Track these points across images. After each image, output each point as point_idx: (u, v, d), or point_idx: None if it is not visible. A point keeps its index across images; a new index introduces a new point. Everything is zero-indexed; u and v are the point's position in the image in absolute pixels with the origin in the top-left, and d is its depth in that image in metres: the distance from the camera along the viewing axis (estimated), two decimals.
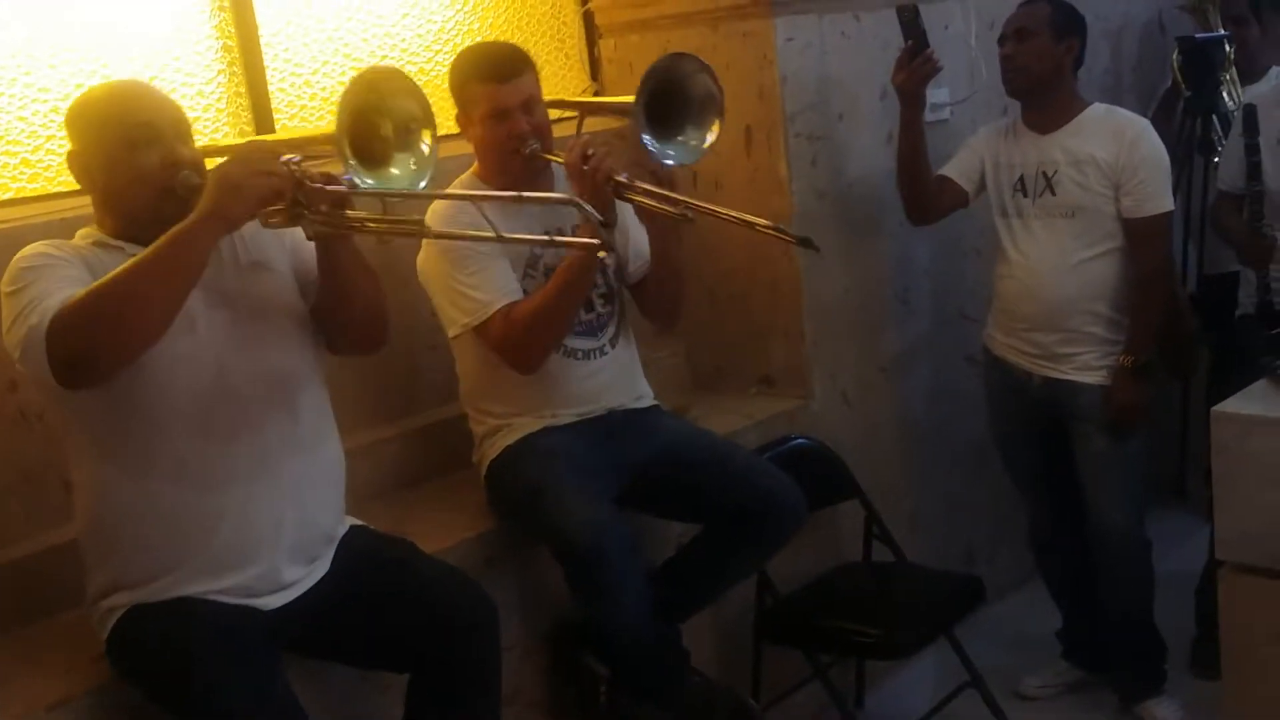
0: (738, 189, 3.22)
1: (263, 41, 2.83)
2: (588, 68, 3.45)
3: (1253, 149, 3.17)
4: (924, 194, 3.15)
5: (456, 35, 3.20)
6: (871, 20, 3.28)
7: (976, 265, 3.52)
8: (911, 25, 3.01)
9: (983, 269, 3.36)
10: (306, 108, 2.94)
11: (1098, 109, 3.07)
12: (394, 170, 2.05)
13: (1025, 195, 3.08)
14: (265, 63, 2.83)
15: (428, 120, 2.07)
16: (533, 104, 2.55)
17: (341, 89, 2.04)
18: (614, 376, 2.67)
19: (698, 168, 3.29)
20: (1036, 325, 3.08)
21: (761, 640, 2.99)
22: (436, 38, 3.17)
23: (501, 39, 3.19)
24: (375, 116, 2.04)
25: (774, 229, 2.30)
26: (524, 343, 2.50)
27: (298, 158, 1.93)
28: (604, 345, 2.65)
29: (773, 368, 3.29)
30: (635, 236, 2.67)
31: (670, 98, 2.49)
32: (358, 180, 1.96)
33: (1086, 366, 3.07)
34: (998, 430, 3.30)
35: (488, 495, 2.64)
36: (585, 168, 2.37)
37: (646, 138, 2.45)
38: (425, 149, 2.07)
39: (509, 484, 2.56)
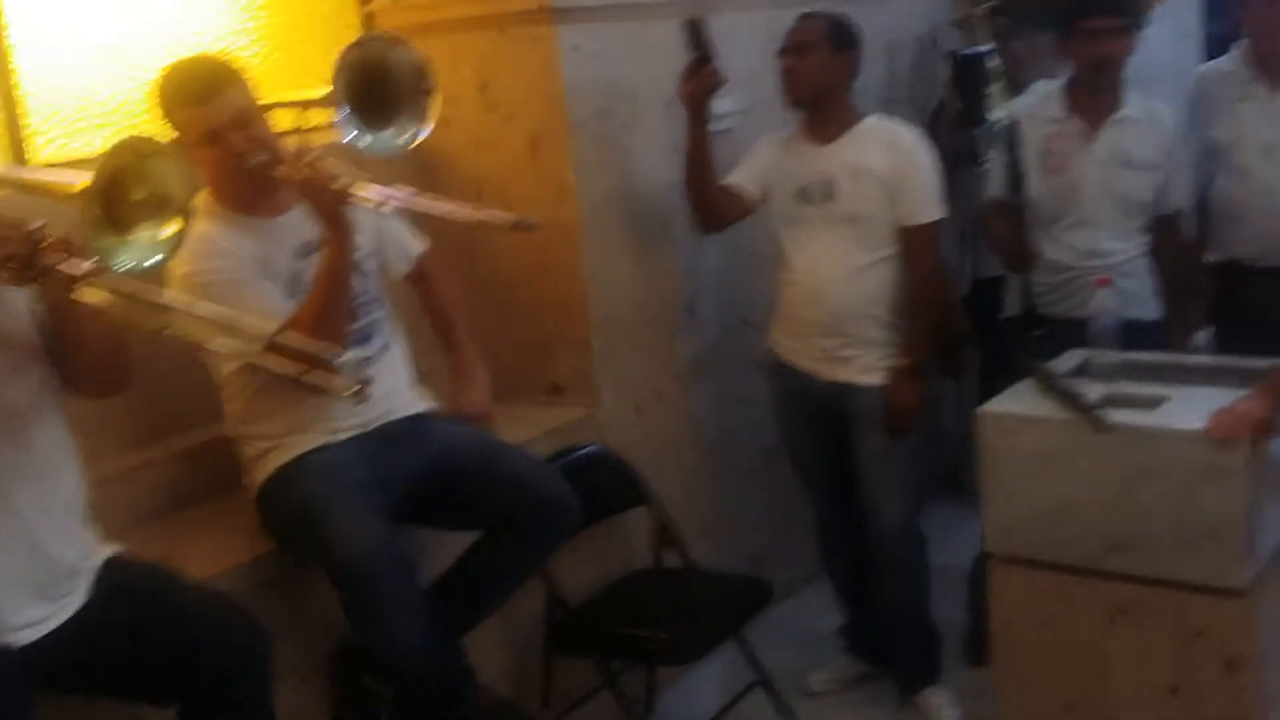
0: (525, 197, 3.20)
1: (14, 48, 2.66)
2: None
3: (1015, 164, 3.33)
4: (710, 203, 3.19)
5: (232, 39, 3.08)
6: (658, 29, 3.30)
7: (762, 272, 3.58)
8: (697, 38, 3.05)
9: (768, 276, 3.43)
10: (70, 122, 2.78)
11: (873, 120, 3.17)
12: (138, 238, 1.96)
13: (807, 204, 3.16)
14: (17, 77, 2.67)
15: (183, 206, 2.00)
16: (246, 117, 2.43)
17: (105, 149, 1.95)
18: (389, 384, 2.62)
19: (483, 176, 3.28)
20: (819, 330, 3.17)
21: (552, 652, 2.98)
22: (213, 42, 3.04)
23: (205, 56, 2.86)
24: (131, 179, 1.95)
25: (498, 220, 2.27)
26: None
27: (43, 222, 1.83)
28: (374, 354, 2.60)
29: (561, 377, 3.29)
30: (392, 235, 2.65)
31: (376, 83, 2.45)
32: (108, 260, 1.87)
33: (867, 368, 3.17)
34: (784, 433, 3.38)
35: (260, 518, 2.56)
36: (306, 175, 2.32)
37: (356, 131, 2.42)
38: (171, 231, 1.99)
39: (280, 506, 2.49)
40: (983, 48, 3.97)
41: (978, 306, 3.88)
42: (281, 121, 2.67)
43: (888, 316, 3.16)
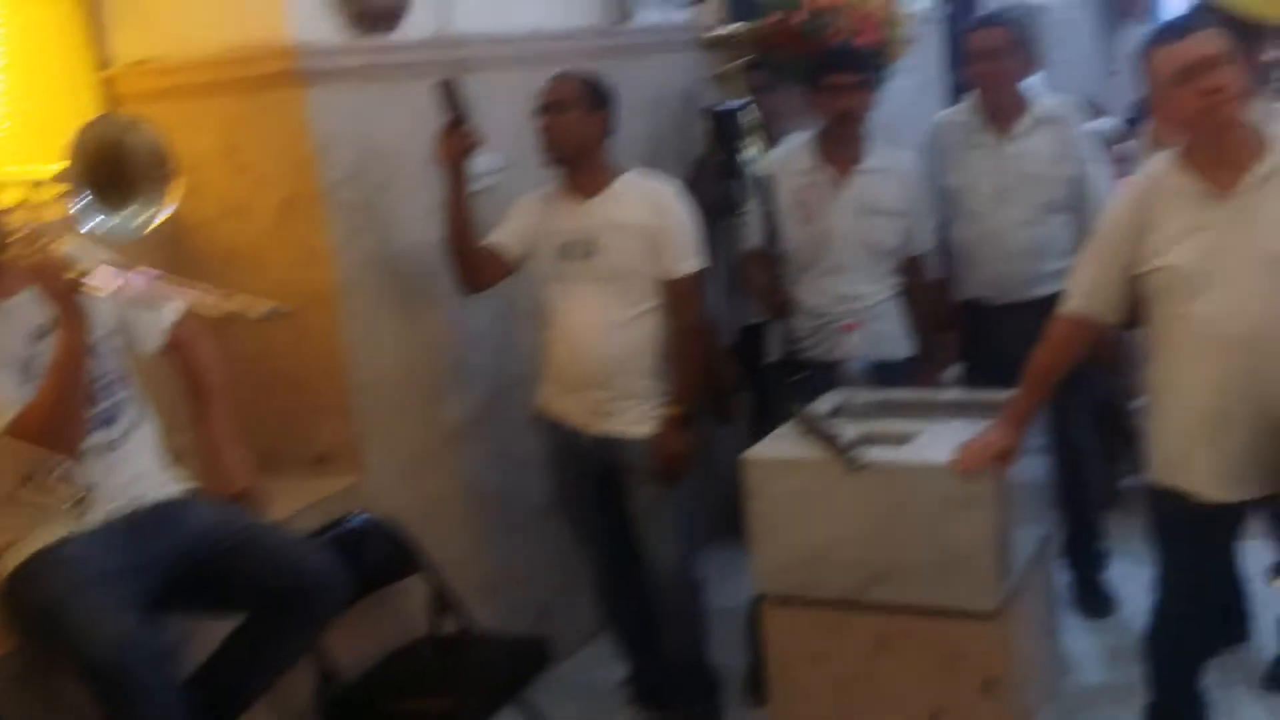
0: (278, 264, 3.12)
1: None
2: None
3: (771, 216, 3.44)
4: (472, 264, 3.18)
5: None
6: (410, 90, 3.28)
7: (531, 328, 3.58)
8: (452, 99, 3.04)
9: (537, 332, 3.43)
10: None
11: (632, 176, 3.23)
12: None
13: (569, 260, 3.18)
14: None
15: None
16: None
17: None
18: (138, 468, 2.51)
19: (234, 243, 3.18)
20: (586, 385, 3.18)
21: None
22: None
23: None
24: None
25: (250, 311, 2.23)
26: (47, 445, 2.34)
27: None
28: (118, 439, 2.49)
29: (325, 446, 3.20)
30: (139, 319, 2.55)
31: (113, 162, 2.40)
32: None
33: (635, 420, 3.19)
34: (558, 489, 3.37)
35: (5, 615, 2.41)
36: (38, 260, 2.23)
37: (91, 213, 2.35)
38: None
39: (25, 604, 2.35)
40: (738, 102, 4.09)
41: (744, 353, 3.98)
42: (11, 196, 2.54)
43: (654, 368, 3.20)
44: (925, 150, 3.79)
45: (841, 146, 3.56)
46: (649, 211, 3.14)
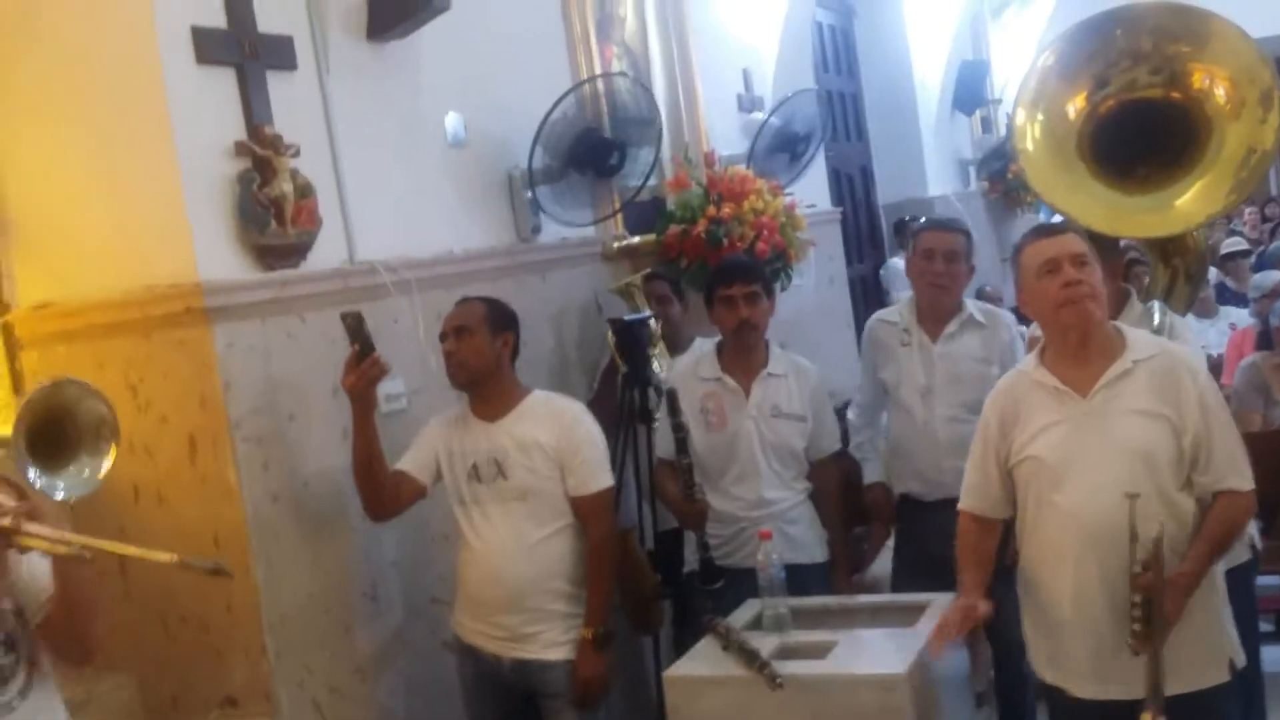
0: (185, 501, 3.08)
1: None
2: (9, 382, 3.22)
3: (679, 426, 3.49)
4: (381, 491, 3.17)
5: None
6: (317, 320, 3.32)
7: (445, 550, 3.55)
8: (356, 330, 3.08)
9: (451, 553, 3.40)
10: None
11: (538, 396, 3.26)
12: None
13: (480, 482, 3.18)
14: None
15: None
16: None
17: None
18: None
19: (138, 481, 3.14)
20: (501, 608, 3.15)
21: None
22: None
23: None
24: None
25: (180, 563, 2.19)
26: None
27: None
28: (13, 699, 2.38)
29: (235, 688, 3.10)
30: (32, 574, 2.47)
31: (58, 425, 2.40)
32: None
33: (552, 643, 3.16)
34: (473, 717, 3.29)
35: None
36: None
37: (33, 472, 2.32)
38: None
39: None
40: (642, 313, 4.18)
41: (663, 560, 3.97)
42: None
43: (569, 588, 3.17)
44: (863, 346, 3.91)
45: (743, 354, 3.65)
46: (557, 430, 3.17)
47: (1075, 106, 3.25)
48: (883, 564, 4.42)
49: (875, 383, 3.86)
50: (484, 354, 3.17)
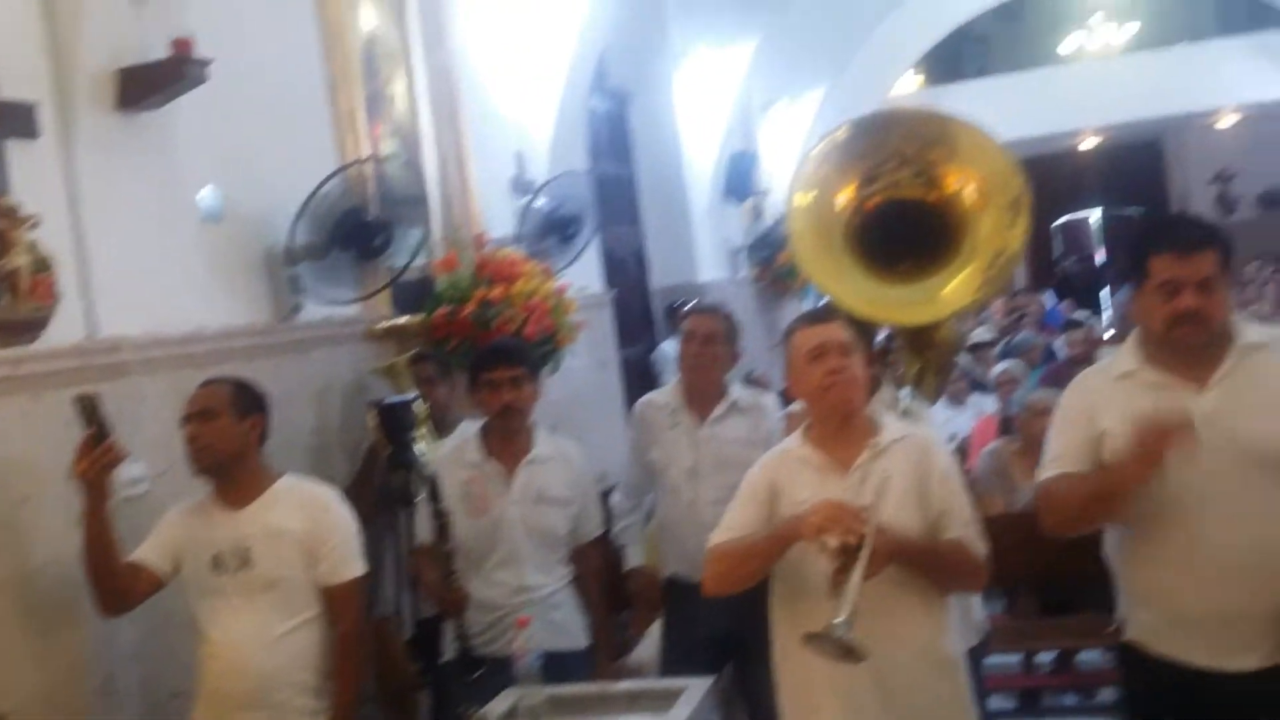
0: None
1: None
2: None
3: (439, 513, 3.44)
4: (113, 583, 2.99)
5: None
6: (53, 399, 3.14)
7: (188, 641, 3.37)
8: (91, 413, 2.92)
9: (195, 645, 3.23)
10: None
11: (288, 480, 3.16)
12: None
13: (222, 572, 3.04)
14: None
15: None
16: None
17: None
18: None
19: None
20: (243, 704, 3.00)
21: None
22: None
23: None
24: None
25: None
26: None
27: None
28: None
29: None
30: None
31: None
32: None
33: None
34: None
35: None
36: None
37: None
38: None
39: None
40: (407, 395, 4.12)
41: (422, 648, 3.87)
42: None
43: (315, 681, 3.06)
44: (631, 427, 3.93)
45: (507, 438, 3.63)
46: (306, 518, 3.08)
47: (845, 198, 3.41)
48: (648, 648, 4.45)
49: (642, 464, 3.91)
50: (229, 438, 3.05)
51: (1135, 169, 17.71)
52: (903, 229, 3.37)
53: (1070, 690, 5.06)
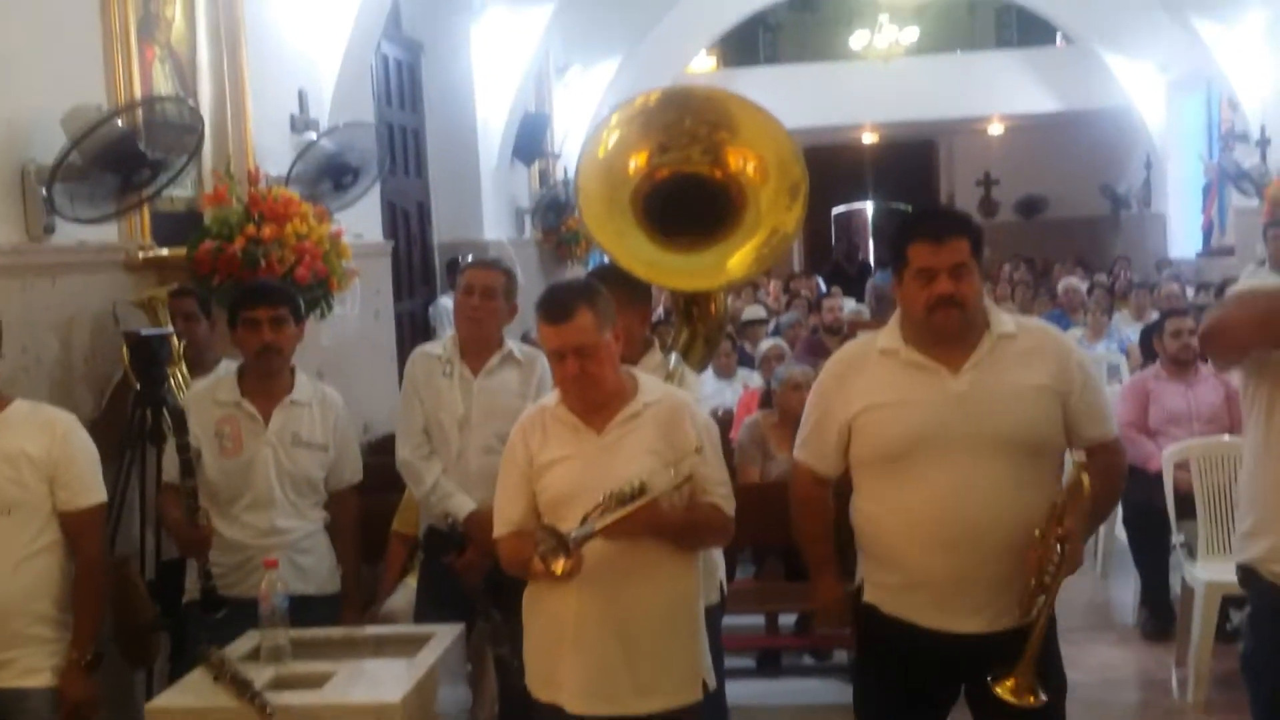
0: None
1: None
2: None
3: (184, 447, 3.34)
4: None
5: None
6: None
7: None
8: None
9: None
10: None
11: (21, 405, 3.02)
12: None
13: None
14: None
15: None
16: None
17: None
18: None
19: None
20: None
21: None
22: None
23: None
24: None
25: None
26: None
27: None
28: None
29: None
30: None
31: None
32: None
33: (29, 670, 2.92)
34: None
35: None
36: None
37: None
38: None
39: None
40: (164, 329, 3.98)
41: (163, 590, 3.76)
42: None
43: (52, 612, 2.95)
44: (406, 377, 3.85)
45: (265, 379, 3.54)
46: (45, 441, 2.95)
47: (637, 163, 3.49)
48: (399, 599, 4.43)
49: (420, 414, 3.82)
50: None
51: (909, 167, 18.59)
52: (688, 202, 3.47)
53: (807, 652, 5.30)
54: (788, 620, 5.31)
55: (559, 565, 2.54)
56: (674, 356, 3.57)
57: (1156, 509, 4.90)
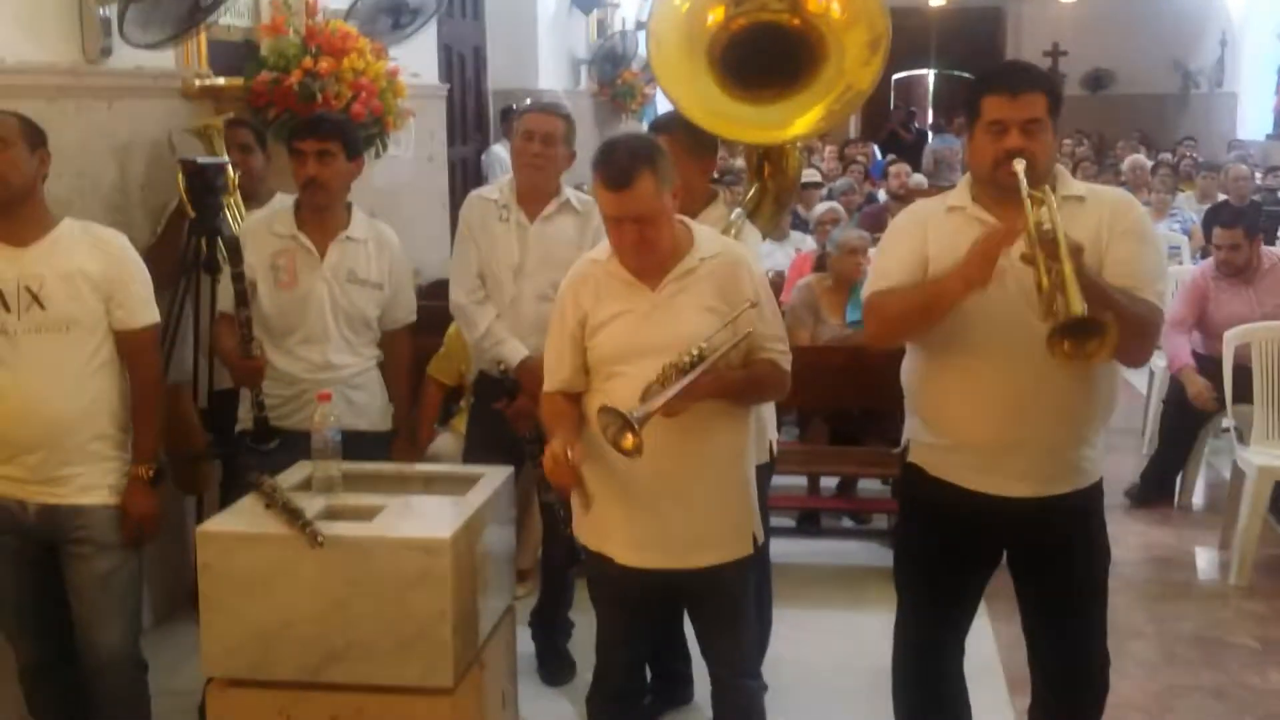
0: None
1: None
2: None
3: (239, 277, 3.33)
4: None
5: None
6: None
7: None
8: None
9: None
10: None
11: (72, 223, 3.00)
12: None
13: (9, 311, 2.88)
14: None
15: None
16: None
17: None
18: None
19: None
20: (32, 448, 2.90)
21: None
22: None
23: None
24: None
25: None
26: None
27: None
28: None
29: None
30: None
31: None
32: None
33: (90, 486, 2.96)
34: None
35: None
36: None
37: None
38: None
39: None
40: (220, 159, 3.93)
41: (216, 419, 3.80)
42: None
43: (110, 430, 2.98)
44: (462, 218, 3.79)
45: (320, 214, 3.50)
46: (102, 259, 2.95)
47: (715, 16, 3.39)
48: (447, 442, 4.47)
49: (474, 258, 3.77)
50: (23, 170, 2.86)
51: (974, 34, 18.01)
52: (766, 54, 3.37)
53: (848, 514, 5.32)
54: (828, 483, 5.33)
55: (628, 442, 2.52)
56: (737, 211, 3.50)
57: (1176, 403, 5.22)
